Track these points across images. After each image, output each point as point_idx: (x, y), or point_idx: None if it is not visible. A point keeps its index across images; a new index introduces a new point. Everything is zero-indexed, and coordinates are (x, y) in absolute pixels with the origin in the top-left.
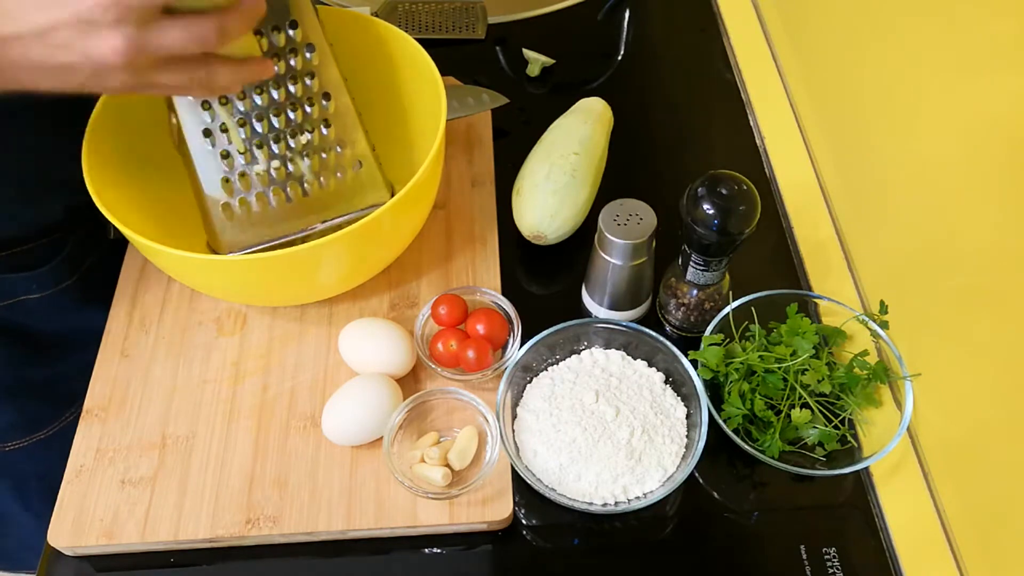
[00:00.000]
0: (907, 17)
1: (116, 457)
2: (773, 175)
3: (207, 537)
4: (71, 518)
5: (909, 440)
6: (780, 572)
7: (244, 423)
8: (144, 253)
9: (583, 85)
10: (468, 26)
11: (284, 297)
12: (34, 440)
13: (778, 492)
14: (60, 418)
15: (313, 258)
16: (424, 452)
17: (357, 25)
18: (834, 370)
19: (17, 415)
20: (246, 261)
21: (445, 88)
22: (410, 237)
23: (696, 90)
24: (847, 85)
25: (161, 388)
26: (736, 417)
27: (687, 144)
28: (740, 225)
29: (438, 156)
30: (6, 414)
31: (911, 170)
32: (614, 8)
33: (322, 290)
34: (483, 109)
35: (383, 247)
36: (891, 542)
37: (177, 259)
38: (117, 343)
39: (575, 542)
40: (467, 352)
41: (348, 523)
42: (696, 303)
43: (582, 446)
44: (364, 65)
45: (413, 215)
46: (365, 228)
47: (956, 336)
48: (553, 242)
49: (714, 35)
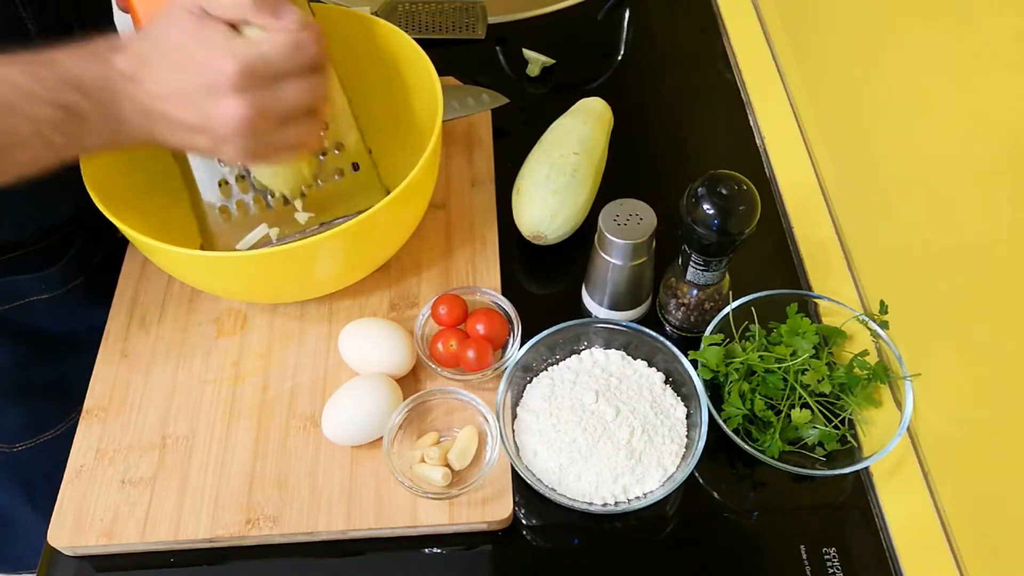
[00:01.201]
0: (907, 17)
1: (116, 457)
2: (773, 175)
3: (207, 537)
4: (71, 518)
5: (909, 440)
6: (780, 572)
7: (244, 423)
8: (144, 251)
9: (583, 85)
10: (468, 26)
11: (282, 294)
12: (42, 440)
13: (778, 492)
14: (67, 418)
15: (309, 255)
16: (424, 452)
17: (355, 24)
18: (834, 370)
19: (25, 415)
20: (244, 258)
21: (445, 88)
22: (407, 234)
23: (696, 90)
24: (847, 85)
25: (161, 388)
26: (736, 417)
27: (687, 144)
28: (740, 225)
29: (434, 153)
30: (14, 415)
31: (911, 170)
32: (614, 8)
33: (319, 287)
34: (483, 109)
35: (379, 245)
36: (891, 542)
37: (176, 256)
38: (117, 343)
39: (575, 542)
40: (467, 352)
41: (348, 523)
42: (696, 303)
43: (582, 446)
44: (362, 65)
45: (409, 212)
46: (361, 225)
47: (956, 336)
48: (553, 242)
49: (714, 35)
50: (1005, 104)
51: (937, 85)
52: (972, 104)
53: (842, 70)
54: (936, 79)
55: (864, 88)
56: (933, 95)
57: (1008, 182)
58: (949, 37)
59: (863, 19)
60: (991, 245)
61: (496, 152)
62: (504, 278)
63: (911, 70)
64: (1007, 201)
